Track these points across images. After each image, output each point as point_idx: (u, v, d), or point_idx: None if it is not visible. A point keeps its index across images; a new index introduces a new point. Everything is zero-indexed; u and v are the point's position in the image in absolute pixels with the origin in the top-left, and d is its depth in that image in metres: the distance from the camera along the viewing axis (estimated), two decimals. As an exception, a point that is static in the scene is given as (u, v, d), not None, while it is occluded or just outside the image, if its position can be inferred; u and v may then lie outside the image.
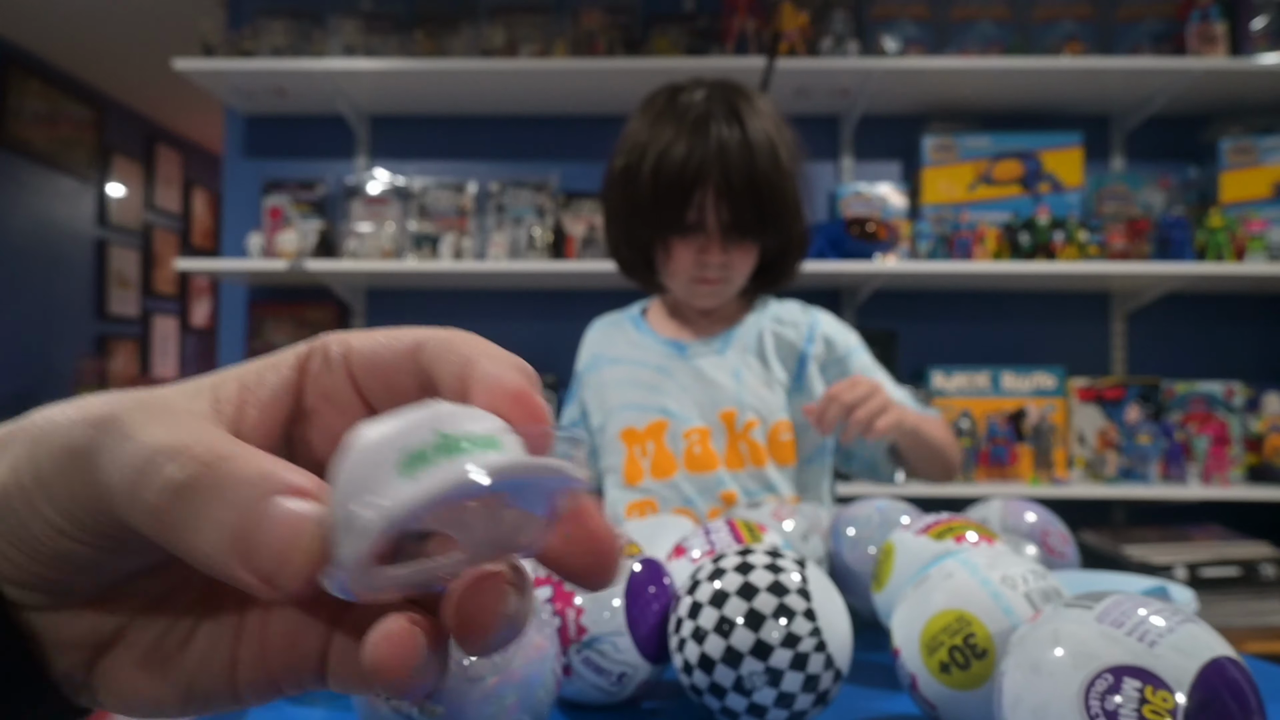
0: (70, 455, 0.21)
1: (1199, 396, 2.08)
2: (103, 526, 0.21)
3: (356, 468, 0.19)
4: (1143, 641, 0.39)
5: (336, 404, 0.24)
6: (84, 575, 0.22)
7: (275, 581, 0.18)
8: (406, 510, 0.18)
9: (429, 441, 0.19)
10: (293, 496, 0.19)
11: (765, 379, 1.10)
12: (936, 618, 0.51)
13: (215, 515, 0.19)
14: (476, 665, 0.44)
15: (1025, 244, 2.01)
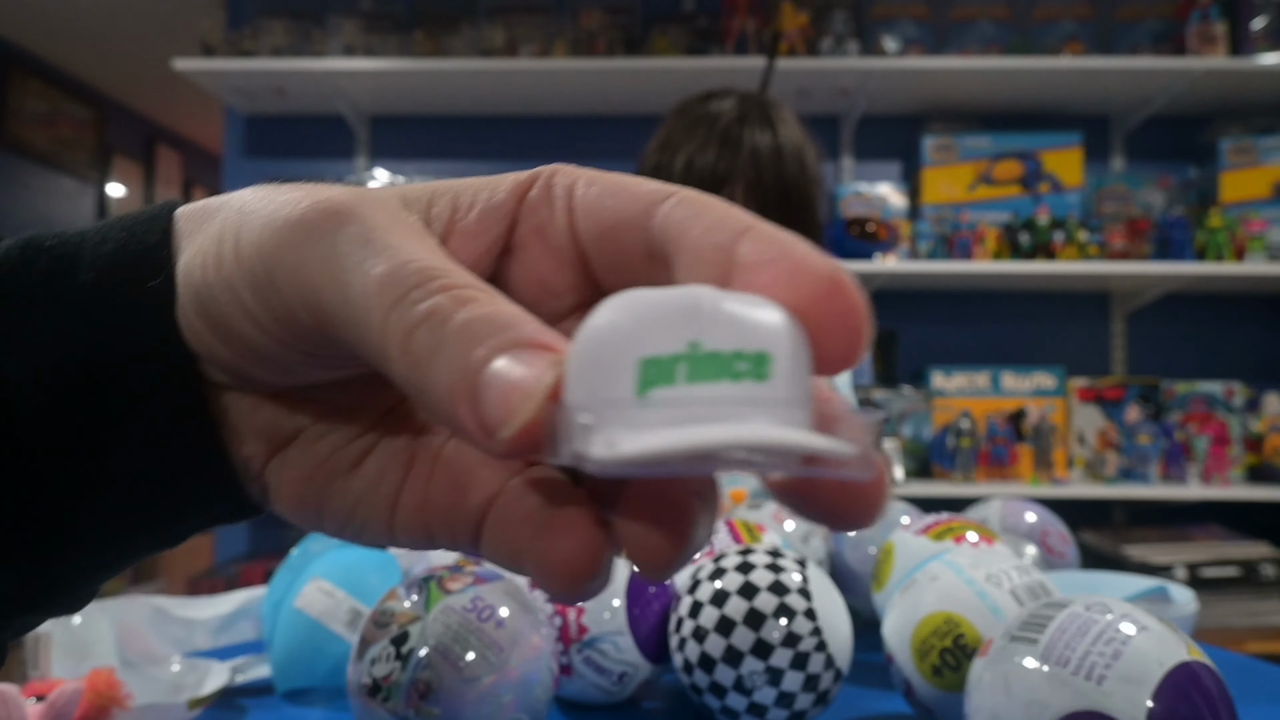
0: (287, 231, 0.19)
1: (1199, 396, 2.08)
2: (301, 326, 0.20)
3: (591, 359, 0.16)
4: (1090, 679, 0.37)
5: (548, 243, 0.22)
6: (268, 371, 0.21)
7: (495, 435, 0.17)
8: (622, 464, 0.15)
9: (677, 351, 0.16)
10: (533, 350, 0.17)
11: None
12: (925, 621, 0.51)
13: (454, 354, 0.17)
14: (473, 665, 0.44)
15: (1025, 244, 2.01)
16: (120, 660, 0.62)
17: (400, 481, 0.22)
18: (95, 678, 0.51)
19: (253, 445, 0.22)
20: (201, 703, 0.54)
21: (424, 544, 0.22)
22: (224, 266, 0.20)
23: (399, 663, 0.44)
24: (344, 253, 0.19)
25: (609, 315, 0.16)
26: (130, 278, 0.21)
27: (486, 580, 0.48)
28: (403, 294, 0.18)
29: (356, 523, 0.23)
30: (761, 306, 0.17)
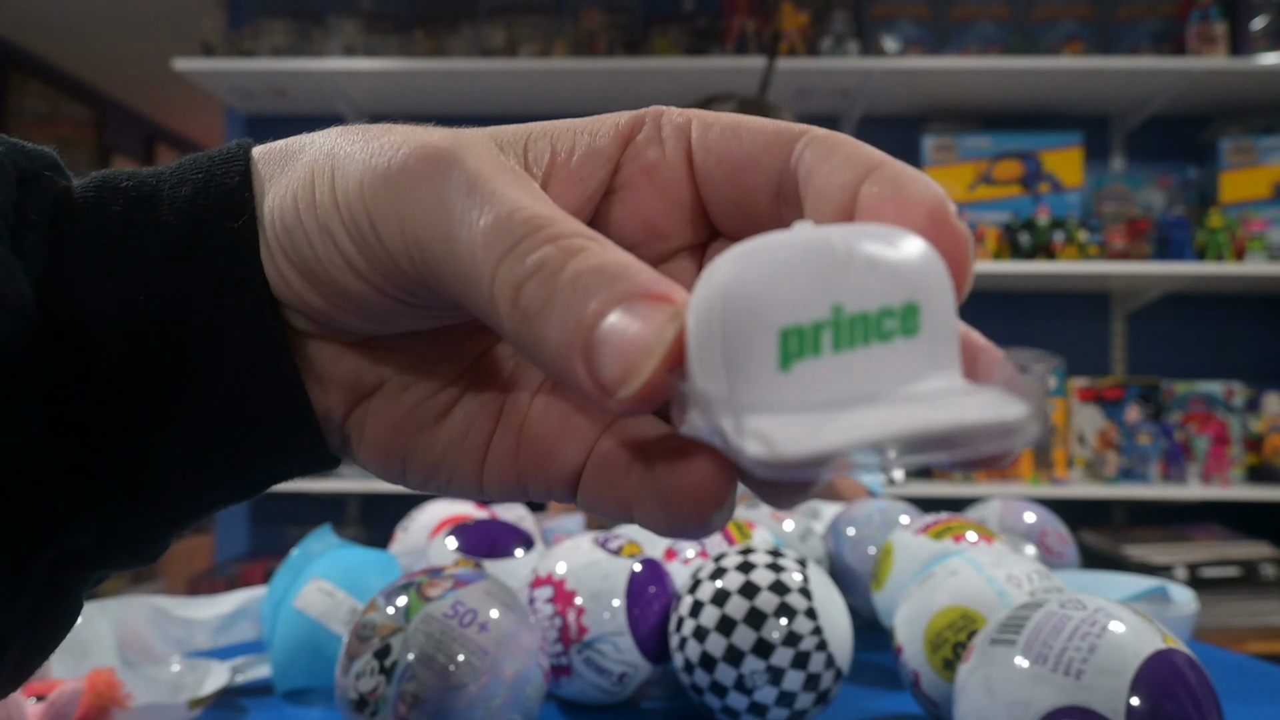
0: (389, 179, 0.18)
1: (1199, 396, 2.08)
2: (402, 275, 0.19)
3: (721, 328, 0.15)
4: (1069, 674, 0.38)
5: (658, 183, 0.21)
6: (360, 318, 0.21)
7: (614, 394, 0.16)
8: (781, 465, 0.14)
9: (819, 317, 0.14)
10: (649, 302, 0.16)
11: None
12: (940, 615, 0.51)
13: (566, 308, 0.16)
14: (459, 672, 0.44)
15: (1025, 244, 2.01)
16: (120, 660, 0.62)
17: (489, 433, 0.22)
18: (95, 678, 0.51)
19: (335, 395, 0.22)
20: (201, 703, 0.54)
21: (515, 495, 0.22)
22: (320, 210, 0.19)
23: (383, 676, 0.44)
24: (449, 202, 0.18)
25: (737, 273, 0.15)
26: (212, 220, 0.20)
27: (467, 583, 0.48)
28: (511, 246, 0.17)
29: (443, 476, 0.22)
30: (898, 240, 0.15)
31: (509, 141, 0.21)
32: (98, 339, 0.20)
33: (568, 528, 0.84)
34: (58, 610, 0.22)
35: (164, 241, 0.20)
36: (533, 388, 0.22)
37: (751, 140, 0.20)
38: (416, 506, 0.78)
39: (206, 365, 0.20)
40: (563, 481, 0.21)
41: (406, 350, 0.22)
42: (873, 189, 0.18)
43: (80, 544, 0.21)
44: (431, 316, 0.21)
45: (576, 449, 0.21)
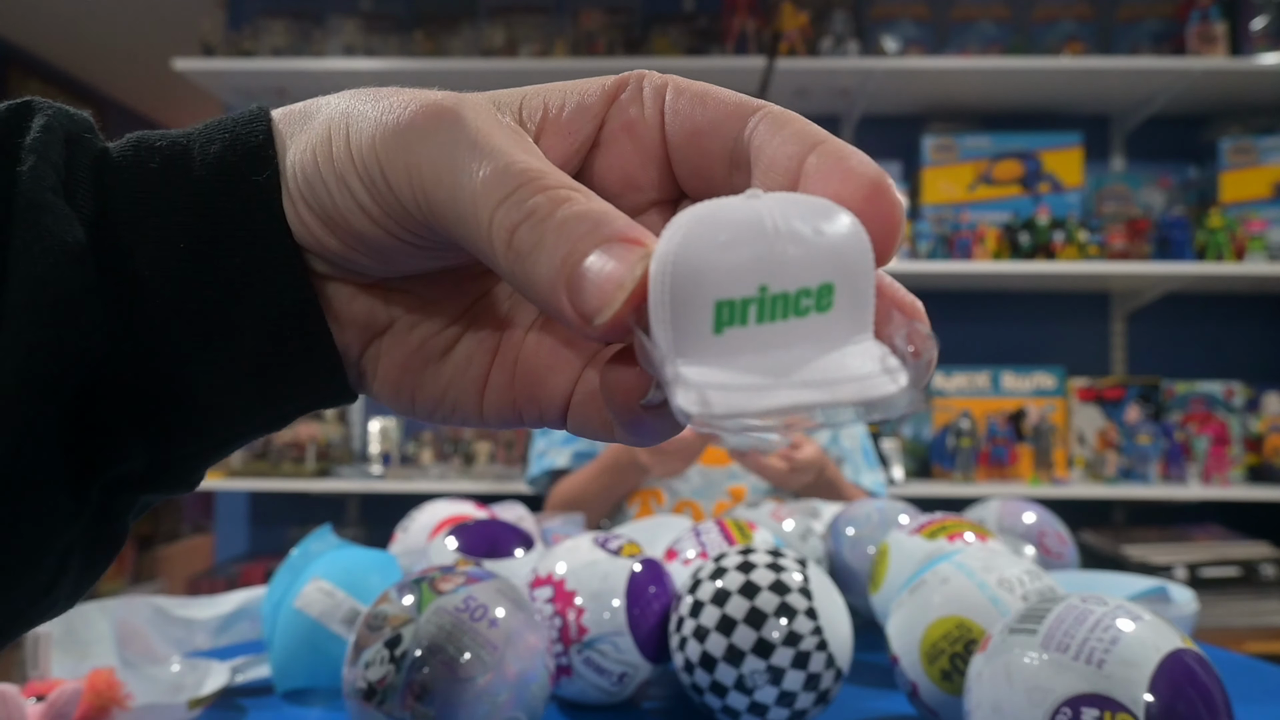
0: (399, 133, 0.21)
1: (1199, 396, 2.08)
2: (410, 219, 0.21)
3: (669, 294, 0.17)
4: (1090, 663, 0.38)
5: (636, 139, 0.23)
6: (373, 259, 0.23)
7: (592, 322, 0.18)
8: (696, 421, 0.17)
9: (747, 295, 0.17)
10: (623, 244, 0.19)
11: None
12: (935, 625, 0.50)
13: (556, 243, 0.19)
14: (467, 665, 0.44)
15: (1025, 244, 2.01)
16: (120, 660, 0.62)
17: (488, 367, 0.25)
18: (95, 678, 0.51)
19: (351, 333, 0.25)
20: (201, 703, 0.54)
21: (512, 423, 0.25)
22: (337, 161, 0.22)
23: (393, 665, 0.44)
24: (453, 154, 0.20)
25: (686, 243, 0.17)
26: (239, 174, 0.23)
27: (479, 580, 0.48)
28: (507, 194, 0.19)
29: (447, 406, 0.25)
30: (825, 217, 0.18)
31: (505, 102, 0.23)
32: (145, 282, 0.22)
33: (568, 528, 0.84)
34: (110, 531, 0.24)
35: (197, 194, 0.23)
36: (526, 325, 0.25)
37: (714, 108, 0.22)
38: (416, 507, 0.78)
39: (240, 305, 0.23)
40: (554, 409, 0.24)
41: (413, 292, 0.25)
42: (817, 161, 0.20)
43: (131, 468, 0.24)
44: (435, 258, 0.23)
45: (565, 379, 0.24)
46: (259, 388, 0.24)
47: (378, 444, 2.13)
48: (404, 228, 0.22)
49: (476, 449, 2.11)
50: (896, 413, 0.18)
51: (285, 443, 2.11)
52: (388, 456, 2.12)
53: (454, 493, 1.91)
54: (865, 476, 1.20)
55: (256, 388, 0.24)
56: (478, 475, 2.04)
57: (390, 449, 2.13)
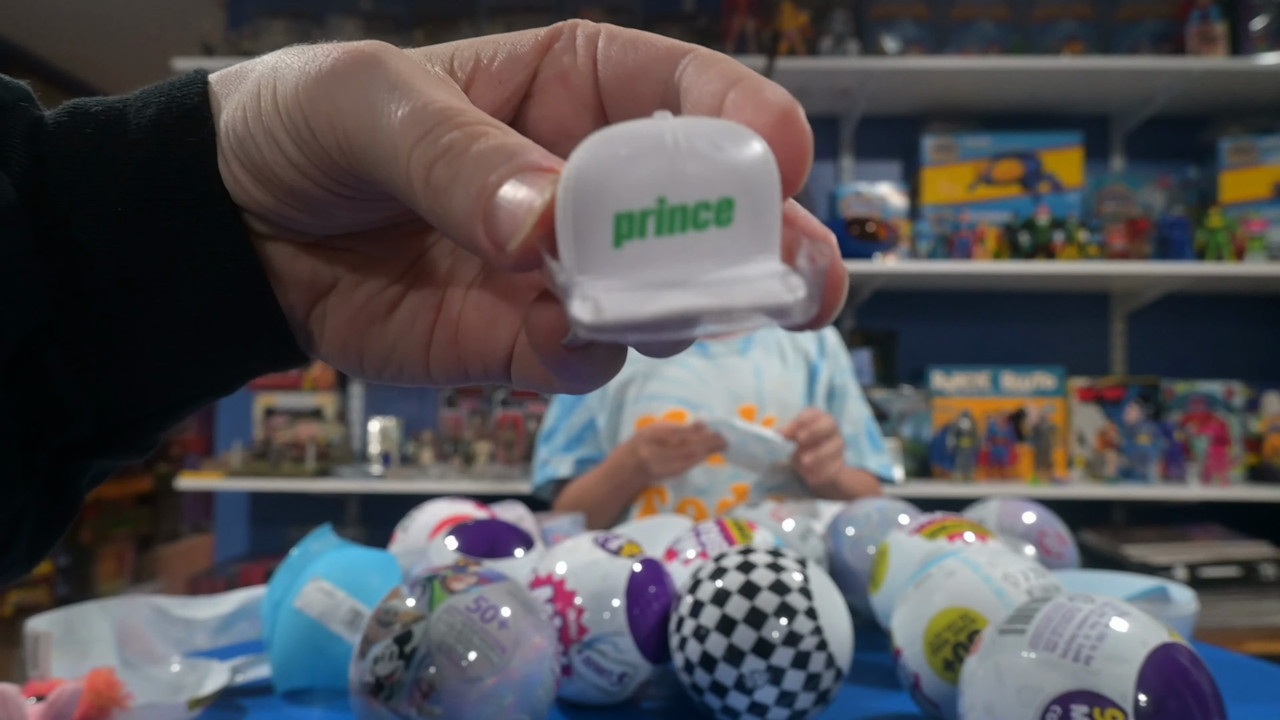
0: (320, 81, 0.21)
1: (1199, 396, 2.08)
2: (336, 167, 0.21)
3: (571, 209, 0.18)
4: (1078, 661, 0.38)
5: (570, 88, 0.23)
6: (308, 215, 0.23)
7: (505, 248, 0.19)
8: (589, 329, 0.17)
9: (646, 207, 0.18)
10: (535, 173, 0.19)
11: (784, 379, 1.16)
12: (939, 616, 0.51)
13: (472, 177, 0.19)
14: (475, 665, 0.44)
15: (1025, 244, 2.01)
16: (120, 660, 0.62)
17: (432, 324, 0.25)
18: (95, 678, 0.51)
19: (295, 293, 0.25)
20: (201, 703, 0.54)
21: (459, 379, 0.25)
22: (264, 117, 0.22)
23: (402, 662, 0.44)
24: (372, 98, 0.20)
25: (587, 160, 0.18)
26: (174, 137, 0.23)
27: (490, 581, 0.48)
28: (423, 132, 0.20)
29: (395, 364, 0.25)
30: (731, 138, 0.18)
31: (437, 54, 0.23)
32: (83, 247, 0.22)
33: (568, 528, 0.84)
34: (63, 497, 0.25)
35: (133, 158, 0.23)
36: (467, 282, 0.25)
37: (646, 53, 0.22)
38: (416, 507, 0.78)
39: (180, 267, 0.23)
40: (497, 362, 0.24)
41: (356, 250, 0.25)
42: (735, 95, 0.20)
43: (80, 433, 0.24)
44: (369, 210, 0.23)
45: (506, 333, 0.24)
46: (205, 351, 0.24)
47: (378, 444, 2.13)
48: (333, 178, 0.22)
49: (476, 449, 2.11)
50: (792, 320, 0.18)
51: (285, 443, 2.11)
52: (388, 456, 2.12)
53: (454, 493, 1.91)
54: (871, 459, 1.19)
55: (202, 351, 0.24)
56: (478, 475, 2.04)
57: (390, 449, 2.13)
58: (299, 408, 2.22)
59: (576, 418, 1.20)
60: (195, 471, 2.10)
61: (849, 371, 1.23)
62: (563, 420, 1.21)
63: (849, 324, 2.26)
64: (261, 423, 2.22)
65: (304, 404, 2.23)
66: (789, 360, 1.19)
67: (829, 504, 0.84)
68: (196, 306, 0.23)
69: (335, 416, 2.22)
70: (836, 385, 1.21)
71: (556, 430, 1.20)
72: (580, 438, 1.19)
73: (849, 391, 1.22)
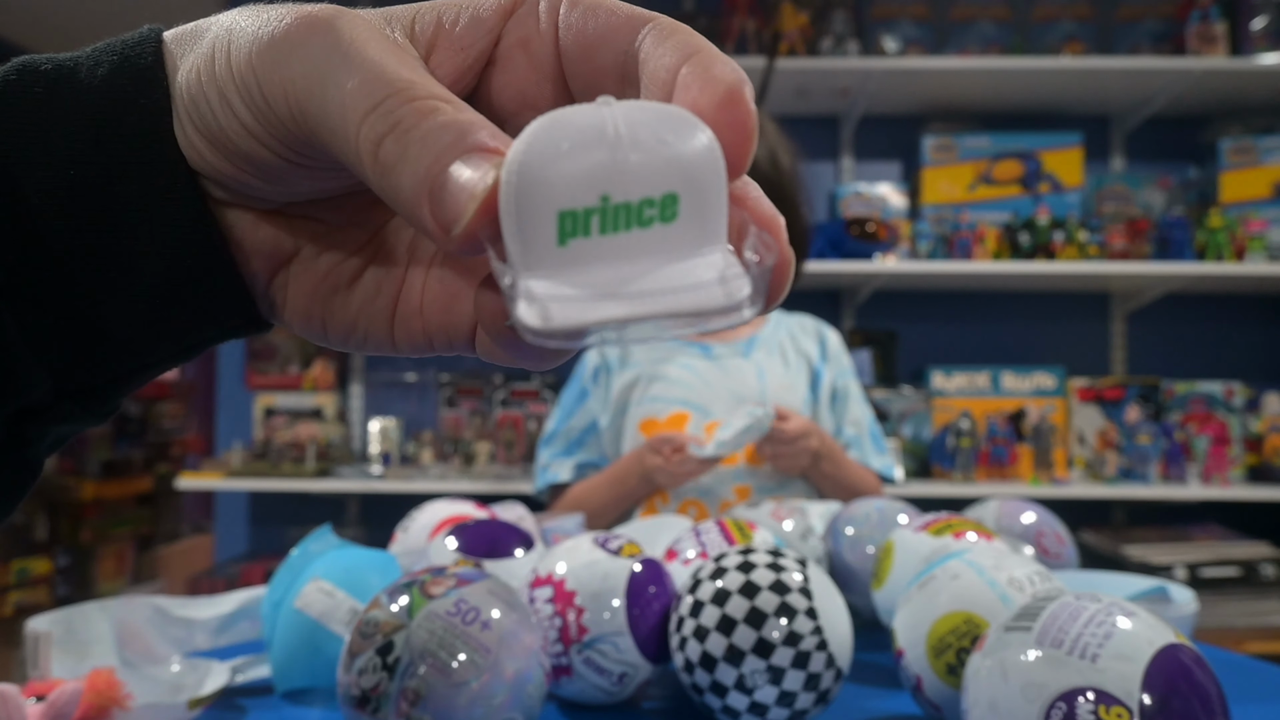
0: (273, 46, 0.20)
1: (1199, 396, 2.08)
2: (289, 134, 0.21)
3: (515, 205, 0.17)
4: (1084, 658, 0.38)
5: (532, 56, 0.23)
6: (265, 180, 0.23)
7: (450, 232, 0.18)
8: (535, 335, 0.17)
9: (589, 205, 0.17)
10: (482, 154, 0.18)
11: (787, 383, 1.16)
12: (943, 619, 0.50)
13: (419, 156, 0.19)
14: (461, 669, 0.44)
15: (1025, 244, 2.01)
16: (120, 660, 0.62)
17: (395, 294, 0.25)
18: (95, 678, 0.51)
19: (257, 261, 0.24)
20: (201, 703, 0.54)
21: (424, 349, 0.25)
22: (217, 80, 0.21)
23: (386, 673, 0.44)
24: (324, 66, 0.20)
25: (530, 153, 0.17)
26: (128, 98, 0.22)
27: (470, 581, 0.48)
28: (373, 106, 0.19)
29: (359, 334, 0.25)
30: (674, 128, 0.18)
31: (397, 16, 0.23)
32: (36, 211, 0.22)
33: (568, 528, 0.84)
34: (21, 461, 0.25)
35: (86, 119, 0.22)
36: (429, 255, 0.25)
37: (606, 20, 0.22)
38: (416, 507, 0.78)
39: (136, 232, 0.22)
40: (462, 335, 0.24)
41: (318, 218, 0.25)
42: (686, 71, 0.20)
43: (37, 397, 0.23)
44: (327, 177, 0.23)
45: (469, 307, 0.24)
46: (162, 318, 0.23)
47: (378, 444, 2.13)
48: (286, 145, 0.21)
49: (476, 449, 2.11)
50: (736, 322, 0.18)
51: (285, 443, 2.11)
52: (388, 456, 2.12)
53: (454, 493, 1.91)
54: (875, 460, 1.19)
55: (160, 318, 0.23)
56: (478, 475, 2.04)
57: (390, 449, 2.13)
58: (299, 408, 2.22)
59: (577, 421, 1.20)
60: (195, 471, 2.10)
61: (851, 373, 1.23)
62: (562, 424, 1.21)
63: (849, 324, 2.26)
64: (261, 423, 2.22)
65: (304, 404, 2.23)
66: (791, 362, 1.19)
67: (818, 504, 0.84)
68: (153, 273, 0.23)
69: (335, 416, 2.22)
70: (839, 388, 1.21)
71: (556, 434, 1.20)
72: (580, 441, 1.19)
73: (851, 393, 1.22)
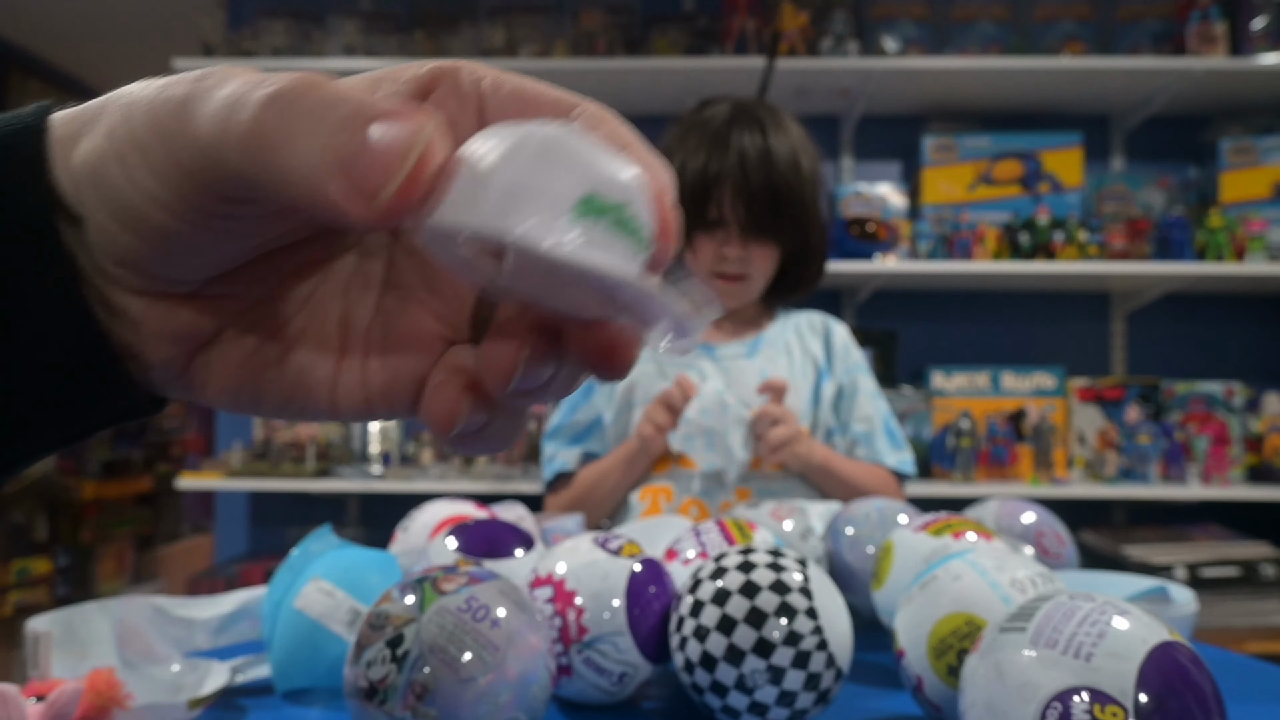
0: (168, 108, 0.20)
1: (1199, 396, 2.08)
2: (200, 192, 0.20)
3: (530, 169, 0.18)
4: (1079, 657, 0.39)
5: (454, 136, 0.22)
6: (183, 256, 0.22)
7: (376, 199, 0.17)
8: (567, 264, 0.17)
9: (616, 201, 0.19)
10: (405, 117, 0.18)
11: (791, 384, 1.15)
12: (945, 620, 0.50)
13: (314, 128, 0.18)
14: (469, 665, 0.44)
15: (1025, 244, 2.01)
16: (120, 660, 0.62)
17: (335, 365, 0.24)
18: (95, 678, 0.51)
19: (169, 348, 0.23)
20: (201, 703, 0.54)
21: (366, 416, 0.24)
22: (125, 160, 0.20)
23: (394, 665, 0.44)
24: (208, 97, 0.19)
25: (559, 130, 0.19)
26: (8, 186, 0.21)
27: (481, 580, 0.48)
28: (241, 95, 0.18)
29: (296, 406, 0.24)
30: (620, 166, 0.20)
31: None
32: None
33: (568, 528, 0.84)
34: None
35: None
36: (364, 325, 0.24)
37: (532, 105, 0.22)
38: (416, 507, 0.78)
39: (12, 331, 0.21)
40: (404, 405, 0.24)
41: (237, 296, 0.24)
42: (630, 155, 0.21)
43: None
44: (237, 233, 0.22)
45: (410, 377, 0.24)
46: (43, 412, 0.22)
47: (378, 444, 2.13)
48: (200, 203, 0.20)
49: (476, 449, 2.11)
50: (683, 343, 0.20)
51: (285, 443, 2.11)
52: (388, 456, 2.12)
53: (454, 493, 1.91)
54: (889, 456, 1.17)
55: (40, 412, 0.22)
56: (478, 475, 2.04)
57: (390, 449, 2.13)
58: (299, 408, 2.22)
59: (582, 415, 1.20)
60: (195, 471, 2.10)
61: (862, 368, 1.21)
62: (567, 418, 1.21)
63: (849, 324, 2.25)
64: (261, 423, 2.22)
65: (304, 404, 2.22)
66: (796, 363, 1.18)
67: (818, 504, 0.84)
68: (35, 368, 0.22)
69: (335, 416, 2.22)
70: (845, 385, 1.20)
71: (561, 427, 1.21)
72: (585, 435, 1.20)
73: (859, 388, 1.20)
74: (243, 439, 2.26)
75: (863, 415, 1.19)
